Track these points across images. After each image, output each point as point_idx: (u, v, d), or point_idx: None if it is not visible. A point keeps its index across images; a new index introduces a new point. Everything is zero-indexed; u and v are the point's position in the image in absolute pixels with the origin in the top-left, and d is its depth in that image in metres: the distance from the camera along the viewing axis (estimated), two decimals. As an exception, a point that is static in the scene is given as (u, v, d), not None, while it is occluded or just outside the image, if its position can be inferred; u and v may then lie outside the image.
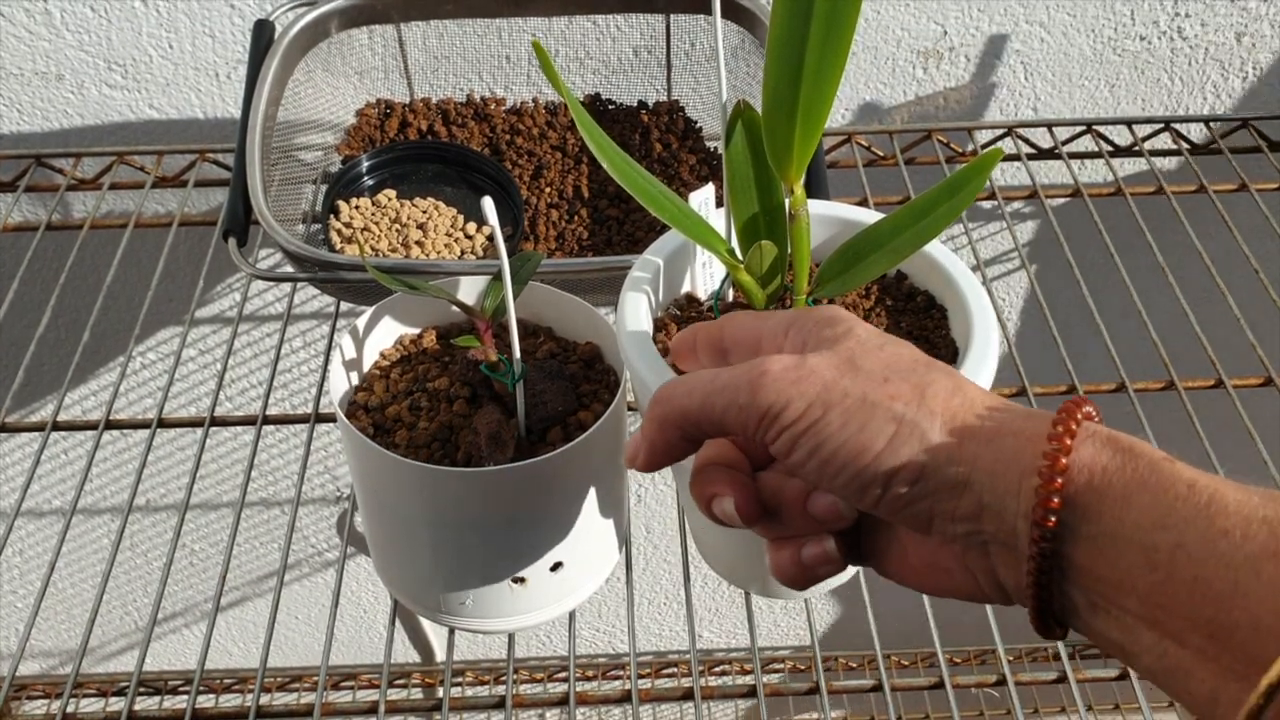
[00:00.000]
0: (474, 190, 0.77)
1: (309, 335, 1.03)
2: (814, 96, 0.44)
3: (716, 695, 0.63)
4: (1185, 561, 0.30)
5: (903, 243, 0.47)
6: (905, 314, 0.54)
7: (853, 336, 0.39)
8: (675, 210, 0.48)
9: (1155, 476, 0.32)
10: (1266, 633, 0.28)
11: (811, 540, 0.40)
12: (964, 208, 0.45)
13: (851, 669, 1.33)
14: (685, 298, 0.55)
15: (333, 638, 0.58)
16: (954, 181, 0.46)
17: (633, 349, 0.48)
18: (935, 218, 0.46)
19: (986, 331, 0.48)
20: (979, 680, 0.68)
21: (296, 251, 0.64)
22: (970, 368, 0.47)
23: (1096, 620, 0.33)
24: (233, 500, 1.18)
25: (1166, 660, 0.31)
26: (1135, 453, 0.33)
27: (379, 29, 0.79)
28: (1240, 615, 0.29)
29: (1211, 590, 0.30)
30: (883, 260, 0.47)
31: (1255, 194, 0.83)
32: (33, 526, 1.22)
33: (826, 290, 0.50)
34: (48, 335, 1.01)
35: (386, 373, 0.55)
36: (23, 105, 0.86)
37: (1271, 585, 0.29)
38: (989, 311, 0.50)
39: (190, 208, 0.91)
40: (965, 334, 0.50)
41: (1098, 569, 0.32)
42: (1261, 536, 0.29)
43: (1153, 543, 0.31)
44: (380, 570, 0.58)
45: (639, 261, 0.52)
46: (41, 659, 1.38)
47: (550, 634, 1.39)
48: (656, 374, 0.46)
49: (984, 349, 0.48)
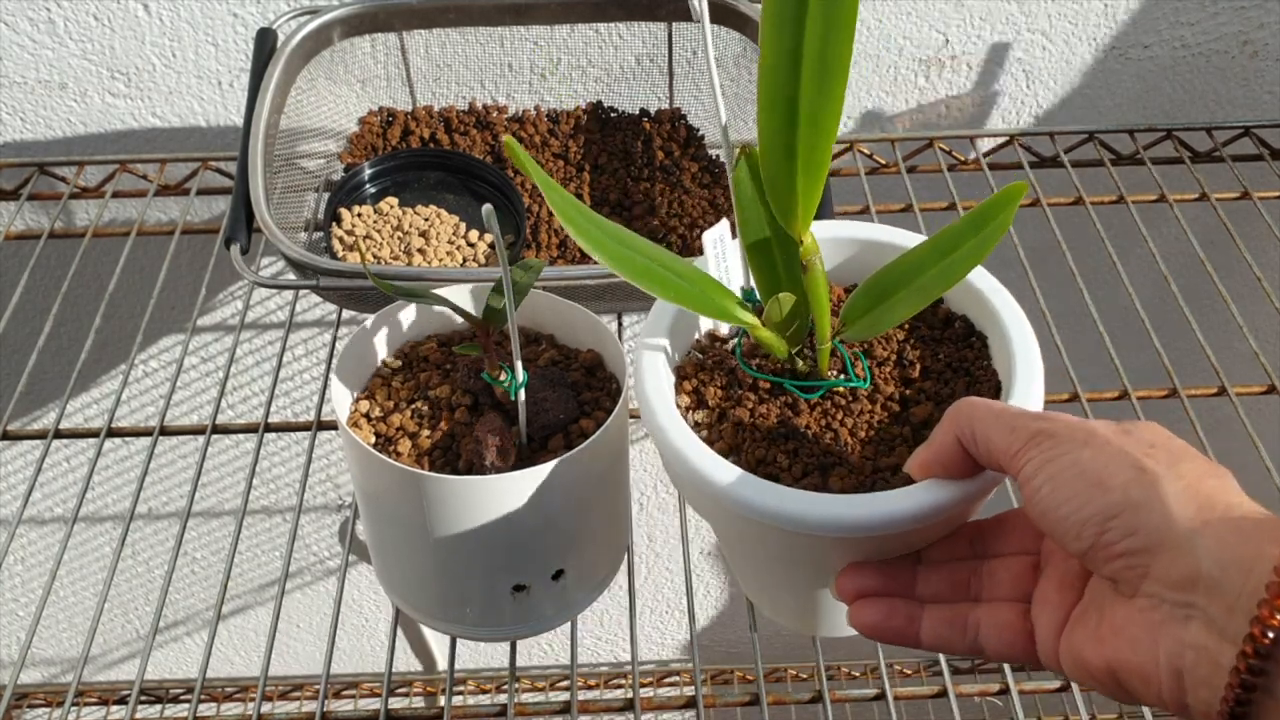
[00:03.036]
0: (476, 198, 0.77)
1: (311, 343, 1.03)
2: (813, 142, 0.42)
3: (719, 704, 0.63)
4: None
5: (929, 281, 0.45)
6: (943, 344, 0.51)
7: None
8: (680, 287, 0.46)
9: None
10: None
11: (994, 608, 0.41)
12: (991, 245, 0.44)
13: (854, 678, 1.33)
14: (707, 337, 0.53)
15: (334, 646, 0.58)
16: (978, 217, 0.44)
17: (660, 413, 0.46)
18: (962, 255, 0.44)
19: (1030, 361, 0.47)
20: (982, 689, 0.68)
21: (299, 259, 0.64)
22: (1019, 398, 0.45)
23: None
24: (234, 508, 1.18)
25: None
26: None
27: (381, 37, 0.80)
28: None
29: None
30: (910, 300, 0.46)
31: (1257, 202, 0.83)
32: (34, 534, 1.22)
33: (853, 333, 0.48)
34: (50, 343, 1.01)
35: (388, 381, 0.55)
36: (26, 114, 0.86)
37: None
38: (1031, 339, 0.48)
39: (193, 216, 0.91)
40: (1007, 363, 0.48)
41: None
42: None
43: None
44: (382, 579, 0.58)
45: (650, 322, 0.50)
46: (43, 667, 1.38)
47: (552, 643, 1.38)
48: (684, 439, 0.45)
49: (1029, 378, 0.46)
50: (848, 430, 0.48)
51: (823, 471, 0.46)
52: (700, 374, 0.51)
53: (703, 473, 0.44)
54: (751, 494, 0.43)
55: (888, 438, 0.47)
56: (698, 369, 0.51)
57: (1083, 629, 0.37)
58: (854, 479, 0.46)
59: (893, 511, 0.42)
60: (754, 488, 0.43)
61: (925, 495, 0.42)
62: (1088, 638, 0.37)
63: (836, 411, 0.48)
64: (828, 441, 0.47)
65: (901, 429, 0.48)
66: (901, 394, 0.49)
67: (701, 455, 0.44)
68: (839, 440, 0.47)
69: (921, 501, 0.42)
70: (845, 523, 0.42)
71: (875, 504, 0.42)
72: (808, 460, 0.47)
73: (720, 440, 0.48)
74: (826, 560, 0.46)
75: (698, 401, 0.50)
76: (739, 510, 0.43)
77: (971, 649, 0.42)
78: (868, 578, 0.43)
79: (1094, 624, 0.37)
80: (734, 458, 0.47)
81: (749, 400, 0.49)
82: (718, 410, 0.49)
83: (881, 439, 0.47)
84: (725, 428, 0.48)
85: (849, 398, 0.49)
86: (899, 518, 0.42)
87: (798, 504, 0.43)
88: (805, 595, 0.52)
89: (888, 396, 0.49)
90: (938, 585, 0.43)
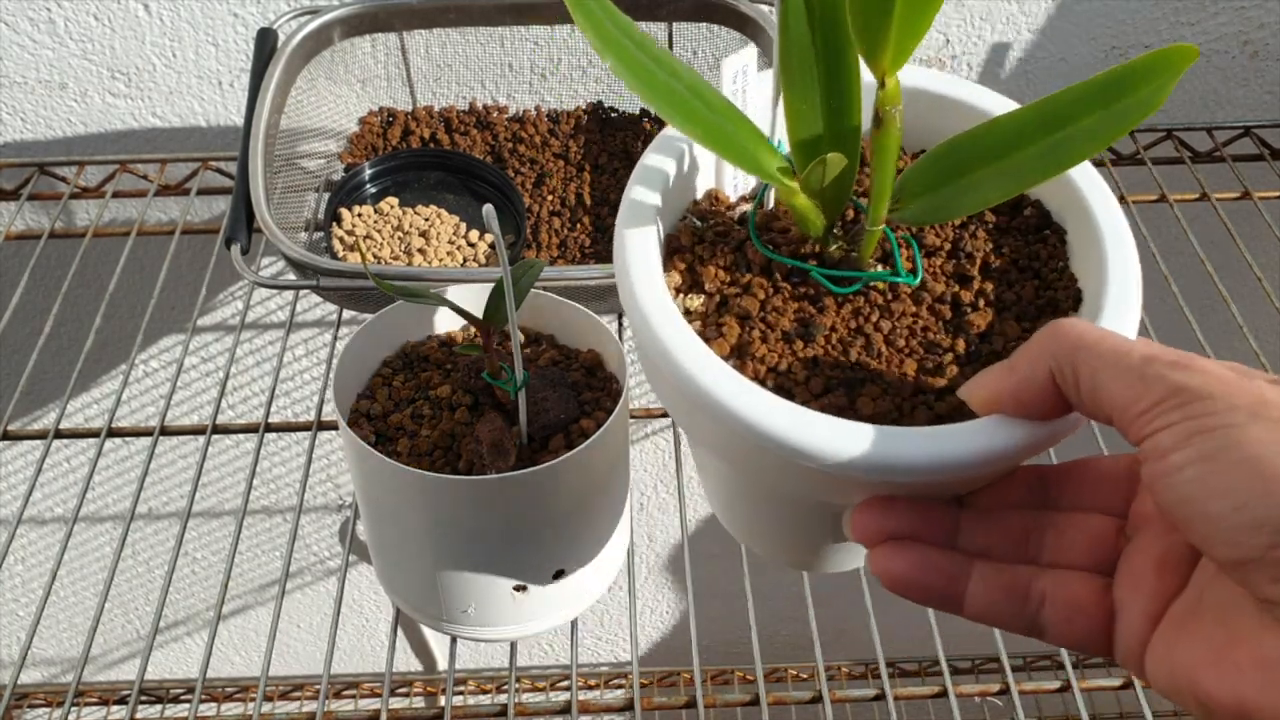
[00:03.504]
0: (476, 198, 0.77)
1: (311, 343, 1.03)
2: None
3: (719, 705, 0.63)
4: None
5: (1027, 162, 0.34)
6: (1008, 234, 0.41)
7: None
8: (709, 122, 0.36)
9: None
10: None
11: (1062, 577, 0.32)
12: (1128, 125, 0.32)
13: (854, 678, 1.33)
14: (708, 200, 0.42)
15: (335, 646, 0.58)
16: (1113, 84, 0.33)
17: (644, 294, 0.36)
18: (1082, 133, 0.33)
19: (1126, 267, 0.37)
20: (983, 689, 0.67)
21: (299, 259, 0.64)
22: (1111, 317, 0.35)
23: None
24: (235, 508, 1.18)
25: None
26: None
27: (381, 37, 0.80)
28: None
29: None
30: (995, 182, 0.35)
31: (1257, 202, 0.83)
32: (35, 534, 1.21)
33: (908, 214, 0.37)
34: (50, 343, 1.01)
35: (388, 380, 0.55)
36: (26, 113, 0.86)
37: None
38: (1129, 238, 0.37)
39: (193, 216, 0.91)
40: (1096, 268, 0.37)
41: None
42: None
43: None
44: (382, 579, 0.58)
45: (642, 171, 0.40)
46: (43, 667, 1.38)
47: (552, 643, 1.38)
48: (673, 331, 0.35)
49: (1124, 291, 0.36)
50: (883, 337, 0.37)
51: (848, 389, 0.36)
52: (698, 247, 0.40)
53: (695, 378, 0.34)
54: (760, 415, 0.33)
55: (934, 350, 0.37)
56: (695, 240, 0.40)
57: (1194, 640, 0.29)
58: (888, 401, 0.36)
59: (946, 454, 0.32)
60: (763, 406, 0.33)
61: (991, 436, 0.33)
62: (1206, 657, 0.29)
63: (871, 312, 0.38)
64: (858, 350, 0.37)
65: (953, 340, 0.38)
66: (954, 295, 0.39)
67: (695, 355, 0.35)
68: (871, 348, 0.37)
69: (987, 444, 0.32)
70: (881, 463, 0.32)
71: (924, 442, 0.33)
72: (830, 374, 0.37)
73: (720, 338, 0.37)
74: (842, 498, 0.36)
75: (692, 283, 0.39)
76: (740, 433, 0.34)
77: (1029, 628, 0.33)
78: (896, 516, 0.34)
79: (1218, 641, 0.29)
80: (734, 362, 0.37)
81: (760, 288, 0.39)
82: (718, 297, 0.39)
83: (927, 351, 0.37)
84: (727, 321, 0.38)
85: (888, 295, 0.38)
86: (953, 462, 0.32)
87: (821, 434, 0.33)
88: (804, 533, 0.43)
89: (937, 297, 0.39)
90: (987, 537, 0.34)
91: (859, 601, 0.63)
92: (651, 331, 0.35)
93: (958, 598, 0.33)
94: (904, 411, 0.35)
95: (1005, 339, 0.37)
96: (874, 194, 0.36)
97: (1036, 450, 0.33)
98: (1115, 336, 0.30)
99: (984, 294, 0.39)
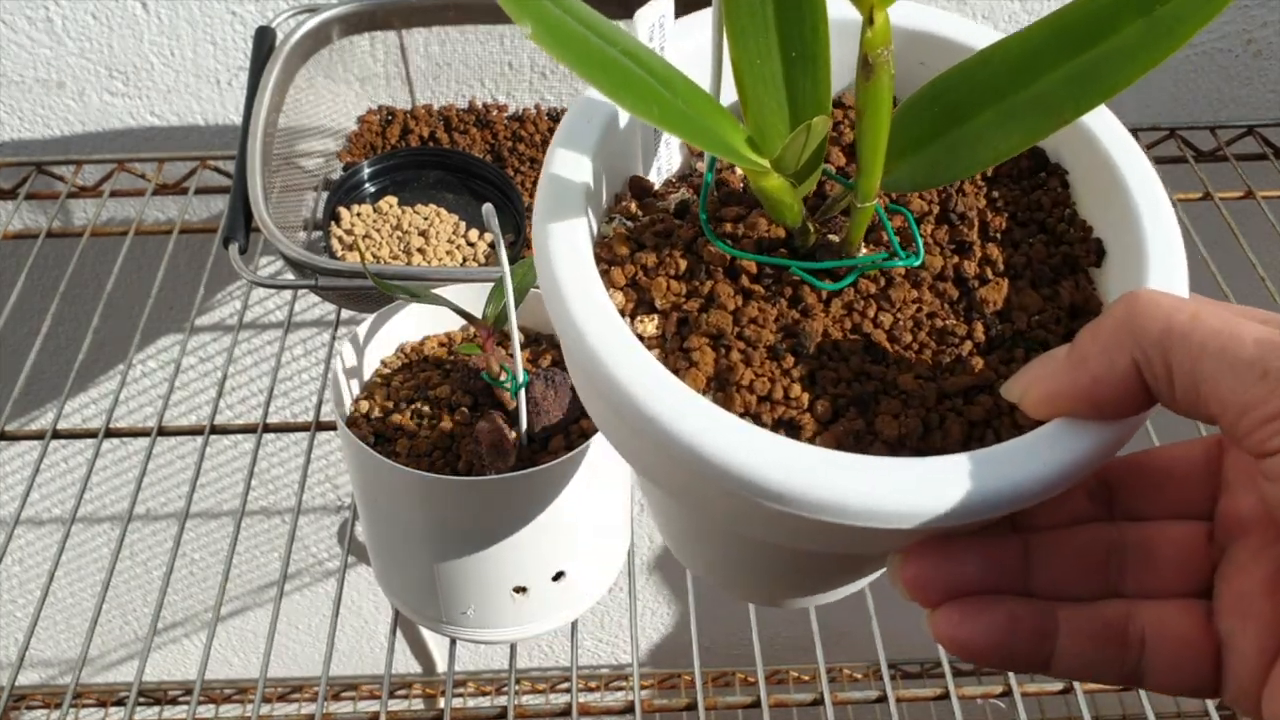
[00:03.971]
0: (476, 197, 0.77)
1: (310, 343, 1.02)
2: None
3: (720, 707, 0.63)
4: None
5: (1047, 95, 0.27)
6: (998, 183, 0.34)
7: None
8: (663, 100, 0.28)
9: None
10: None
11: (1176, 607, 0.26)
12: (1178, 42, 0.25)
13: (856, 680, 1.32)
14: (633, 187, 0.34)
15: (333, 648, 0.58)
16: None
17: (590, 320, 0.28)
18: (1112, 51, 0.26)
19: (1157, 208, 0.30)
20: (985, 691, 0.67)
21: (297, 259, 0.64)
22: (1159, 273, 0.29)
23: None
24: (233, 509, 1.18)
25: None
26: None
27: (381, 35, 0.79)
28: None
29: None
30: (1009, 129, 0.27)
31: (1261, 201, 0.83)
32: (32, 535, 1.21)
33: (895, 179, 0.30)
34: (48, 343, 1.00)
35: (387, 381, 0.55)
36: (24, 112, 0.86)
37: None
38: (1152, 176, 0.31)
39: (191, 215, 0.90)
40: (1115, 213, 0.31)
41: None
42: None
43: None
44: (381, 580, 0.58)
45: (558, 157, 0.31)
46: (41, 668, 1.38)
47: (552, 644, 1.38)
48: (638, 369, 0.27)
49: (1164, 235, 0.30)
50: (885, 334, 0.30)
51: (861, 408, 0.29)
52: (639, 254, 0.31)
53: (679, 433, 0.26)
54: (773, 469, 0.25)
55: (949, 341, 0.30)
56: (632, 245, 0.32)
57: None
58: (912, 415, 0.29)
59: (1014, 482, 0.25)
60: (774, 455, 0.26)
61: (1062, 449, 0.26)
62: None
63: (866, 305, 0.31)
64: (860, 356, 0.30)
65: (968, 326, 0.31)
66: (955, 268, 0.32)
67: (671, 398, 0.27)
68: (875, 350, 0.30)
69: (1061, 461, 0.26)
70: (941, 511, 0.25)
71: (984, 472, 0.26)
72: (835, 391, 0.29)
73: (691, 367, 0.29)
74: (875, 548, 0.29)
75: (638, 302, 0.31)
76: (742, 492, 0.26)
77: (1129, 677, 0.27)
78: (959, 563, 0.26)
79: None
80: (715, 395, 0.29)
81: (727, 297, 0.30)
82: (675, 316, 0.30)
83: (940, 343, 0.30)
84: (696, 345, 0.30)
85: (880, 282, 0.31)
86: (1025, 491, 0.26)
87: (859, 484, 0.25)
88: (796, 576, 0.36)
89: (937, 274, 0.32)
90: (1059, 569, 0.27)
91: (861, 603, 0.63)
92: (609, 375, 0.27)
93: (1044, 658, 0.26)
94: (932, 425, 0.29)
95: (1028, 314, 0.31)
96: (864, 162, 0.28)
97: (1111, 455, 0.27)
98: (1210, 311, 0.24)
99: (990, 262, 0.32)
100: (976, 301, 0.31)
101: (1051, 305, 0.31)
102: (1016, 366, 0.30)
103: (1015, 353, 0.30)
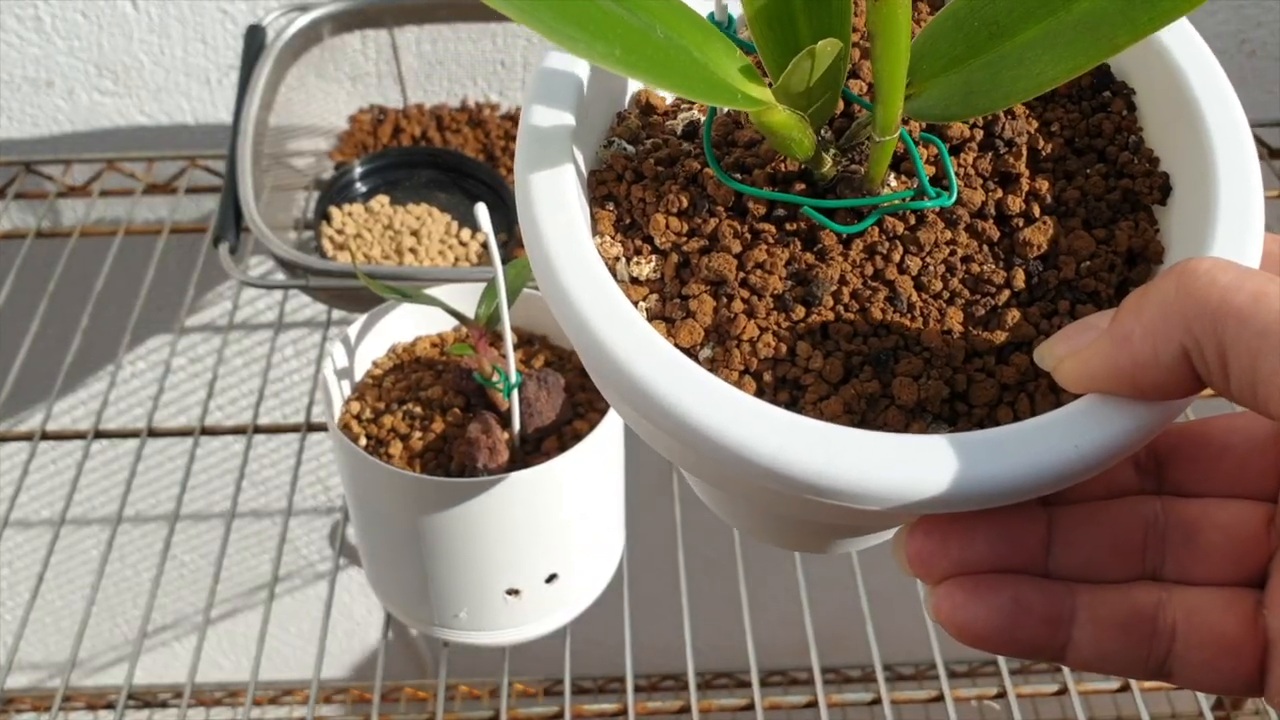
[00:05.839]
0: (468, 197, 0.76)
1: (301, 344, 1.02)
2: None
3: (714, 710, 0.63)
4: None
5: (1105, 8, 0.23)
6: (1054, 104, 0.29)
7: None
8: (640, 35, 0.24)
9: None
10: None
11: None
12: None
13: (850, 681, 1.32)
14: (637, 108, 0.30)
15: (325, 651, 0.57)
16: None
17: (568, 267, 0.25)
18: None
19: (1238, 138, 0.27)
20: (980, 693, 0.67)
21: (288, 258, 0.63)
22: (1230, 216, 0.25)
23: None
24: (223, 511, 1.17)
25: None
26: None
27: (372, 34, 0.79)
28: None
29: None
30: (1059, 51, 0.24)
31: (1255, 202, 0.83)
32: (21, 537, 1.20)
33: (924, 104, 0.26)
34: (36, 344, 0.99)
35: (379, 381, 0.54)
36: (12, 112, 0.86)
37: None
38: (1234, 101, 0.27)
39: (181, 215, 0.90)
40: (1188, 143, 0.27)
41: None
42: None
43: None
44: (373, 583, 0.57)
45: (541, 79, 0.28)
46: (30, 672, 1.37)
47: (545, 648, 1.38)
48: (618, 324, 0.25)
49: (1242, 174, 0.26)
50: (912, 281, 0.27)
51: (878, 367, 0.26)
52: (635, 188, 0.28)
53: (661, 397, 0.24)
54: (770, 448, 0.23)
55: (984, 290, 0.27)
56: (630, 178, 0.28)
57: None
58: (934, 376, 0.25)
59: (1043, 465, 0.23)
60: (765, 430, 0.23)
61: (1099, 429, 0.23)
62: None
63: (892, 248, 0.27)
64: (880, 306, 0.26)
65: (1007, 273, 0.27)
66: (998, 204, 0.28)
67: (656, 359, 0.24)
68: (899, 301, 0.26)
69: (1096, 442, 0.23)
70: (957, 494, 0.23)
71: (1010, 452, 0.23)
72: (849, 347, 0.26)
73: (688, 318, 0.26)
74: (891, 524, 0.27)
75: (633, 240, 0.28)
76: (745, 476, 0.24)
77: (1155, 672, 0.24)
78: (967, 539, 0.24)
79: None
80: (714, 349, 0.26)
81: (733, 237, 0.27)
82: (675, 257, 0.27)
83: (974, 293, 0.27)
84: (695, 292, 0.26)
85: (909, 222, 0.27)
86: (1054, 474, 0.23)
87: (867, 464, 0.23)
88: (829, 534, 0.32)
89: (976, 211, 0.27)
90: (1089, 547, 0.24)
91: (855, 605, 0.62)
92: (588, 328, 0.25)
93: (1058, 648, 0.24)
94: (958, 389, 0.25)
95: (1076, 260, 0.27)
96: (883, 86, 0.25)
97: (1153, 437, 0.24)
98: (1277, 291, 0.21)
99: (1037, 197, 0.28)
100: (1019, 244, 0.27)
101: (1106, 250, 0.27)
102: (1060, 322, 0.26)
103: (1060, 305, 0.27)
